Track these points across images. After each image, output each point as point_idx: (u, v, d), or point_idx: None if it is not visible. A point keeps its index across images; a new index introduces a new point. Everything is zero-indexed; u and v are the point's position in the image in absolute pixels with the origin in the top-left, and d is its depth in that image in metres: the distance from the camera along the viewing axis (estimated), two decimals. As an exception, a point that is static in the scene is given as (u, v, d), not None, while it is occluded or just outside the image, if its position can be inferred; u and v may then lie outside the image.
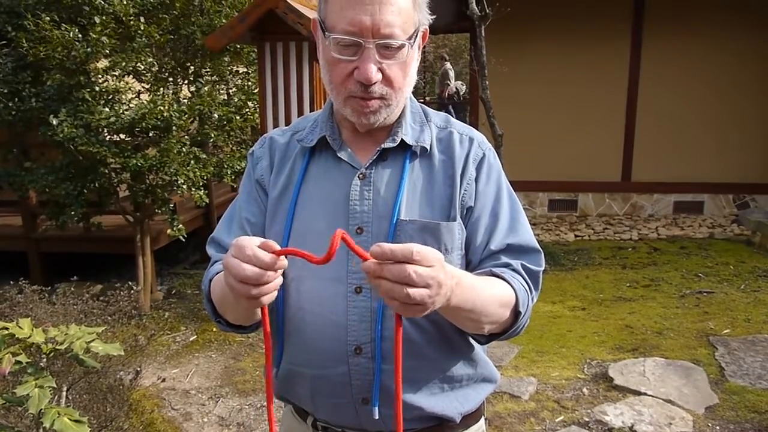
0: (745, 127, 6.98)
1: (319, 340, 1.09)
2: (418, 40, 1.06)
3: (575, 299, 4.86)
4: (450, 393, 1.14)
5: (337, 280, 1.07)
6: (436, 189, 1.11)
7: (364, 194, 1.09)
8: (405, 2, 1.01)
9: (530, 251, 1.13)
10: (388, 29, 0.99)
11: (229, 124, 5.14)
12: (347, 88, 1.04)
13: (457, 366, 1.14)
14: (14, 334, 1.85)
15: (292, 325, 1.12)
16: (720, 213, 7.13)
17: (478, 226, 1.11)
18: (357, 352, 1.07)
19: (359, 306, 1.07)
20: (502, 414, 3.18)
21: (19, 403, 1.77)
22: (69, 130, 4.39)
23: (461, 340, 1.14)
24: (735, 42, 6.84)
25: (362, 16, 0.98)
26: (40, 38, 4.46)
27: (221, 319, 1.13)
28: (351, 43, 1.00)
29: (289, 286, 1.11)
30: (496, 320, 1.05)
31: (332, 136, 1.13)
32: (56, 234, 5.38)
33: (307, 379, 1.12)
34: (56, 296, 3.49)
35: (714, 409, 3.14)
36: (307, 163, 1.14)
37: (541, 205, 7.49)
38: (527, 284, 1.10)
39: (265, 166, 1.18)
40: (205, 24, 5.23)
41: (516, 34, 6.81)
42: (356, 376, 1.08)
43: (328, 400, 1.12)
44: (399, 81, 1.05)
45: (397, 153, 1.12)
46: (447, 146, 1.14)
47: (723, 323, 4.22)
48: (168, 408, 3.53)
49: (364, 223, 1.08)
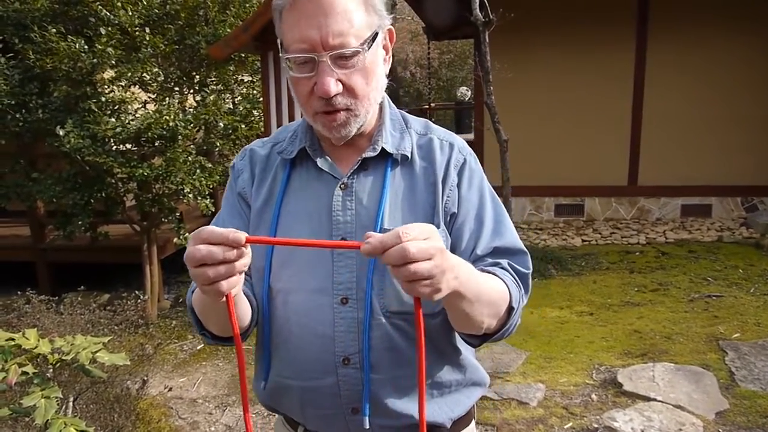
0: (752, 130, 6.94)
1: (306, 352, 1.09)
2: (378, 42, 1.03)
3: (583, 304, 4.83)
4: (439, 399, 1.14)
5: (322, 291, 1.07)
6: (418, 196, 1.10)
7: (347, 204, 1.09)
8: (354, 7, 0.99)
9: (517, 253, 1.13)
10: (338, 39, 0.97)
11: (235, 133, 5.15)
12: (312, 106, 1.03)
13: (446, 372, 1.14)
14: (21, 345, 1.86)
15: (279, 337, 1.11)
16: (728, 216, 7.08)
17: (463, 231, 1.11)
18: (345, 363, 1.07)
19: (346, 317, 1.06)
20: (510, 421, 3.16)
21: (25, 413, 1.78)
22: (75, 141, 4.41)
23: (449, 346, 1.14)
24: (740, 44, 6.81)
25: (309, 30, 0.97)
26: (46, 50, 4.50)
27: (206, 331, 1.12)
28: (305, 60, 0.99)
29: (275, 298, 1.11)
30: (496, 312, 1.04)
31: (312, 147, 1.13)
32: (63, 244, 5.41)
33: (295, 391, 1.12)
34: (63, 306, 3.51)
35: (724, 415, 3.11)
36: (289, 174, 1.14)
37: (547, 210, 7.47)
38: (517, 282, 1.10)
39: (247, 179, 1.17)
40: (210, 34, 5.26)
41: (520, 39, 6.81)
42: (345, 386, 1.08)
43: (318, 411, 1.12)
44: (362, 89, 1.02)
45: (378, 161, 1.11)
46: (427, 152, 1.13)
47: (733, 327, 4.18)
48: (175, 417, 3.52)
49: (348, 233, 1.08)
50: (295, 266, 1.09)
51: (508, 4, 5.69)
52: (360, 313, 1.06)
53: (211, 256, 0.84)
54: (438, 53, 18.65)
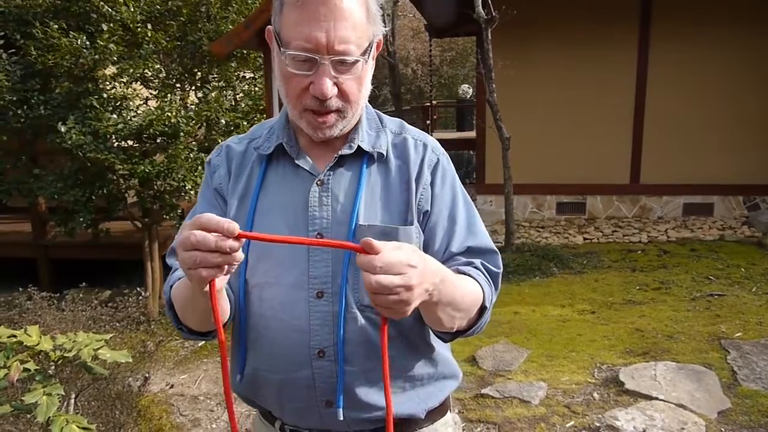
0: (754, 128, 6.93)
1: (282, 346, 1.10)
2: (372, 52, 1.06)
3: (584, 303, 4.82)
4: (411, 392, 1.16)
5: (298, 285, 1.09)
6: (393, 194, 1.12)
7: (323, 200, 1.10)
8: (359, 16, 1.02)
9: (489, 252, 1.16)
10: (343, 46, 1.00)
11: (237, 130, 5.14)
12: (303, 102, 1.05)
13: (417, 365, 1.16)
14: (22, 342, 1.85)
15: (255, 331, 1.13)
16: (730, 215, 7.07)
17: (436, 230, 1.14)
18: (320, 356, 1.08)
19: (321, 310, 1.08)
20: (512, 419, 3.16)
21: (27, 410, 1.77)
22: (77, 137, 4.41)
23: (420, 341, 1.16)
24: (742, 44, 6.80)
25: (317, 32, 0.99)
26: (48, 46, 4.49)
27: (183, 326, 1.13)
28: (306, 59, 1.01)
29: (251, 293, 1.12)
30: (468, 315, 1.08)
31: (289, 144, 1.14)
32: (65, 240, 5.41)
33: (272, 384, 1.14)
34: (65, 303, 3.51)
35: (726, 414, 3.10)
36: (264, 170, 1.15)
37: (549, 208, 7.46)
38: (489, 282, 1.13)
39: (223, 174, 1.19)
40: (212, 30, 5.25)
41: (522, 37, 6.80)
42: (320, 379, 1.09)
43: (293, 404, 1.13)
44: (354, 95, 1.06)
45: (354, 159, 1.13)
46: (402, 151, 1.16)
47: (735, 326, 4.18)
48: (176, 414, 3.52)
49: (324, 228, 1.09)
50: (271, 260, 1.10)
51: (511, 1, 5.68)
52: (335, 307, 1.08)
53: (204, 243, 0.85)
54: (439, 50, 18.62)
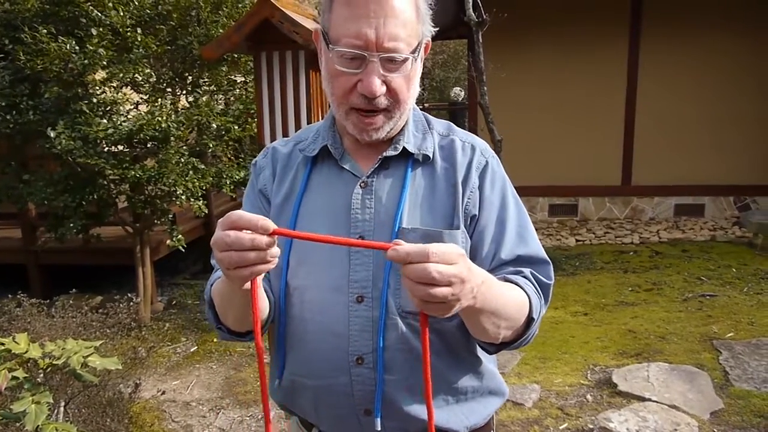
0: (745, 129, 6.97)
1: (321, 351, 1.08)
2: (421, 52, 1.05)
3: (577, 304, 4.83)
4: (455, 406, 1.12)
5: (337, 289, 1.06)
6: (438, 197, 1.09)
7: (366, 203, 1.08)
8: (410, 15, 1.00)
9: (540, 262, 1.12)
10: (392, 43, 0.99)
11: (228, 134, 5.13)
12: (350, 101, 1.03)
13: (462, 378, 1.12)
14: (11, 350, 1.83)
15: (294, 335, 1.11)
16: (721, 215, 7.10)
17: (484, 235, 1.10)
18: (359, 363, 1.06)
19: (361, 315, 1.06)
20: (505, 422, 3.15)
21: (16, 419, 1.75)
22: (67, 142, 4.38)
23: (466, 352, 1.13)
24: (733, 43, 6.84)
25: (367, 29, 0.98)
26: (37, 51, 4.45)
27: (222, 326, 1.12)
28: (355, 56, 1.00)
29: (292, 295, 1.10)
30: (513, 325, 1.03)
31: (334, 145, 1.13)
32: (55, 246, 5.37)
33: (309, 390, 1.12)
34: (55, 309, 3.48)
35: (719, 414, 3.11)
36: (309, 172, 1.14)
37: (541, 210, 7.47)
38: (539, 293, 1.09)
39: (268, 176, 1.18)
40: (203, 34, 5.23)
41: (513, 39, 6.82)
42: (358, 386, 1.07)
43: (331, 411, 1.11)
44: (403, 93, 1.04)
45: (399, 161, 1.11)
46: (449, 154, 1.13)
47: (726, 327, 4.19)
48: (168, 420, 3.50)
49: (366, 231, 1.07)
50: (311, 263, 1.08)
51: (502, 4, 5.69)
52: (375, 312, 1.05)
53: (239, 242, 0.83)
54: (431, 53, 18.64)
